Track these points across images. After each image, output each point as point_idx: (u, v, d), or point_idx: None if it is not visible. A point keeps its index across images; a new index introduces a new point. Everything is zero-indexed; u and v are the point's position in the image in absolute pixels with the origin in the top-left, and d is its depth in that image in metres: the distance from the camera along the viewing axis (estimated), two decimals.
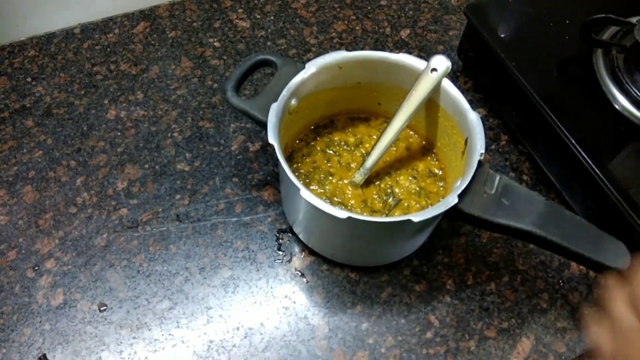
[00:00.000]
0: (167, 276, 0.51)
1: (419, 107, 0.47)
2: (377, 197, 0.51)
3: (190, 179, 0.57)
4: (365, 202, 0.51)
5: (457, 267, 0.53)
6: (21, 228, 0.54)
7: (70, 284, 0.51)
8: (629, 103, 0.52)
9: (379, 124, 0.56)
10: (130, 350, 0.48)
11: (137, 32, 0.69)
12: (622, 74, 0.53)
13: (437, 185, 0.53)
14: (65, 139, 0.60)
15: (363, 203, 0.51)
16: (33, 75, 0.65)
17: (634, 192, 0.48)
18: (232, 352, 0.48)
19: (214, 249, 0.53)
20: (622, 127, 0.52)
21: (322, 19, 0.71)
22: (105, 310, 0.50)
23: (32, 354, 0.47)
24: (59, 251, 0.52)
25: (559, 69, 0.56)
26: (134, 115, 0.62)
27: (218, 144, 0.60)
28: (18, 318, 0.49)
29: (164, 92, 0.64)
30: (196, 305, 0.50)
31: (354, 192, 0.51)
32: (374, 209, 0.51)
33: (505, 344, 0.49)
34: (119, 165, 0.58)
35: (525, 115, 0.57)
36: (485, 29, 0.59)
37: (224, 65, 0.66)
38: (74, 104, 0.62)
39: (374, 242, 0.48)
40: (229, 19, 0.71)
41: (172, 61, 0.66)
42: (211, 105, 0.63)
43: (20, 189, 0.56)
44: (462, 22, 0.72)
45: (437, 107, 0.50)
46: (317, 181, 0.52)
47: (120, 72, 0.65)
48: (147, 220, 0.54)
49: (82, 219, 0.54)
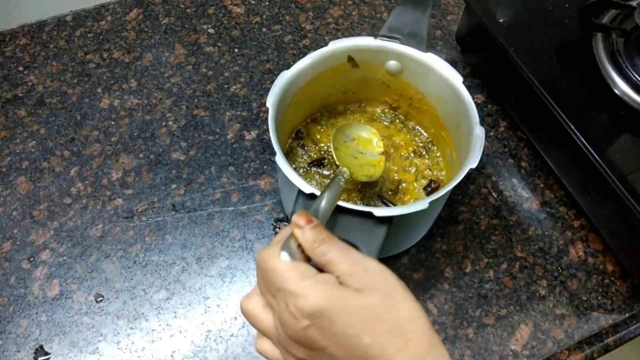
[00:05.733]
0: (163, 266, 0.51)
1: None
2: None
3: (186, 168, 0.57)
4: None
5: (455, 255, 0.53)
6: (16, 219, 0.53)
7: (66, 275, 0.50)
8: (629, 88, 0.51)
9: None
10: (128, 341, 0.47)
11: (130, 19, 0.68)
12: (622, 58, 0.52)
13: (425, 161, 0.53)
14: (59, 128, 0.59)
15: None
16: (25, 64, 0.64)
17: (633, 177, 0.48)
18: (230, 342, 0.48)
19: (211, 238, 0.53)
20: (622, 112, 0.52)
21: (317, 4, 0.70)
22: (101, 301, 0.49)
23: (29, 346, 0.47)
24: (54, 242, 0.52)
25: (558, 54, 0.56)
26: (128, 104, 0.61)
27: (213, 132, 0.59)
28: (14, 310, 0.49)
29: (157, 80, 0.63)
30: (193, 295, 0.50)
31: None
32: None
33: (503, 331, 0.49)
34: (113, 155, 0.57)
35: (524, 101, 0.57)
36: (484, 14, 0.58)
37: (218, 52, 0.65)
38: (67, 93, 0.61)
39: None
40: (223, 5, 0.70)
41: (166, 48, 0.65)
42: (206, 93, 0.62)
43: (14, 180, 0.55)
44: (460, 6, 0.71)
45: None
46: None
47: (114, 60, 0.64)
48: (142, 210, 0.54)
49: (77, 210, 0.54)
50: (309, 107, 0.54)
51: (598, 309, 0.51)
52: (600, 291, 0.51)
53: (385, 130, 0.55)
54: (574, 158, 0.51)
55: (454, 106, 0.48)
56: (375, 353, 0.29)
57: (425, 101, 0.52)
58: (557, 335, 0.49)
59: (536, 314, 0.50)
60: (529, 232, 0.54)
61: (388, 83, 0.53)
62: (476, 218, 0.55)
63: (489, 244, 0.53)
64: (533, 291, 0.51)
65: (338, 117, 0.56)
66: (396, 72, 0.51)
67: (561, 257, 0.53)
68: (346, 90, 0.54)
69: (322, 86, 0.51)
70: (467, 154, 0.44)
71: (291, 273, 0.30)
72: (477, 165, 0.42)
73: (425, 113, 0.53)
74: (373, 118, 0.56)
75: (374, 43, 0.49)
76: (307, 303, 0.29)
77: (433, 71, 0.48)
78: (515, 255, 0.53)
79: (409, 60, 0.49)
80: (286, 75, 0.46)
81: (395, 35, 0.49)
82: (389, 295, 0.31)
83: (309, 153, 0.53)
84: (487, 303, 0.50)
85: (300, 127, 0.54)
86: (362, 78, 0.52)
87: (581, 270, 0.52)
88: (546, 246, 0.54)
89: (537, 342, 0.49)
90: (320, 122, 0.55)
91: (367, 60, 0.50)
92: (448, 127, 0.51)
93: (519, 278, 0.52)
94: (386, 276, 0.31)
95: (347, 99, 0.55)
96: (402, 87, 0.52)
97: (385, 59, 0.50)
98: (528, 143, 0.59)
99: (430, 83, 0.50)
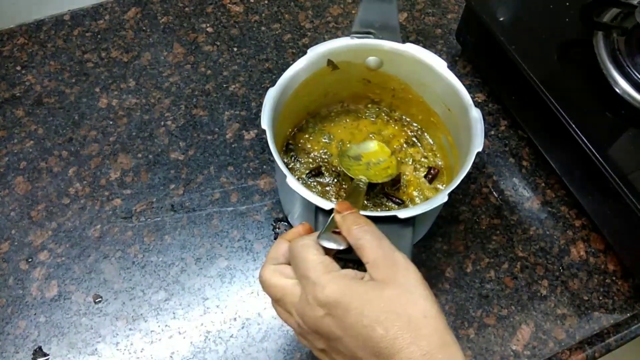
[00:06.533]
0: (162, 267, 0.51)
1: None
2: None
3: (185, 168, 0.56)
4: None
5: (456, 255, 0.52)
6: (13, 220, 0.53)
7: (64, 276, 0.50)
8: (629, 86, 0.51)
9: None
10: (127, 342, 0.47)
11: (128, 18, 0.67)
12: (623, 57, 0.52)
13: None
14: (57, 128, 0.59)
15: None
16: (22, 63, 0.63)
17: (634, 176, 0.47)
18: (229, 343, 0.47)
19: (210, 239, 0.52)
20: (623, 110, 0.51)
21: (317, 2, 0.70)
22: (100, 301, 0.49)
23: (27, 347, 0.47)
24: (52, 243, 0.52)
25: (559, 52, 0.55)
26: (126, 103, 0.60)
27: (212, 132, 0.59)
28: (12, 311, 0.48)
29: (156, 80, 0.62)
30: (192, 296, 0.49)
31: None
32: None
33: (504, 332, 0.49)
34: (111, 155, 0.57)
35: (525, 100, 0.57)
36: (484, 12, 0.57)
37: (217, 51, 0.65)
38: (65, 92, 0.61)
39: None
40: (222, 4, 0.69)
41: (164, 47, 0.65)
42: (205, 92, 0.62)
43: (12, 180, 0.55)
44: (460, 4, 0.70)
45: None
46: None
47: (112, 60, 0.64)
48: (141, 210, 0.54)
49: (75, 210, 0.53)
50: (295, 118, 0.54)
51: (599, 309, 0.50)
52: (601, 291, 0.51)
53: (373, 126, 0.55)
54: (575, 157, 0.51)
55: (440, 91, 0.49)
56: (385, 345, 0.29)
57: (409, 90, 0.52)
58: (559, 335, 0.49)
59: (537, 314, 0.50)
60: (530, 231, 0.54)
61: (369, 79, 0.53)
62: (477, 218, 0.54)
63: (490, 244, 0.53)
64: (534, 291, 0.51)
65: (323, 122, 0.55)
66: (376, 66, 0.51)
67: (562, 257, 0.53)
68: (327, 93, 0.54)
69: (304, 94, 0.50)
70: (469, 138, 0.44)
71: (317, 265, 0.33)
72: (477, 165, 0.42)
73: (410, 102, 0.53)
74: (358, 116, 0.56)
75: (352, 42, 0.49)
76: (323, 292, 0.31)
77: (415, 60, 0.49)
78: (517, 255, 0.53)
79: (388, 54, 0.49)
80: (272, 93, 0.46)
81: (368, 30, 0.49)
82: (408, 291, 0.31)
83: (303, 164, 0.53)
84: (488, 303, 0.50)
85: (289, 139, 0.54)
86: (342, 79, 0.52)
87: (582, 270, 0.52)
88: (547, 246, 0.53)
89: (538, 342, 0.48)
90: (307, 130, 0.55)
91: (346, 60, 0.50)
92: (437, 112, 0.51)
93: (520, 278, 0.51)
94: (410, 272, 0.33)
95: (328, 102, 0.55)
96: (383, 80, 0.52)
97: (365, 56, 0.50)
98: (529, 142, 0.59)
99: (413, 72, 0.50)
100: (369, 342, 0.30)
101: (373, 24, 0.49)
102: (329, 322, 0.31)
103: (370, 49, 0.49)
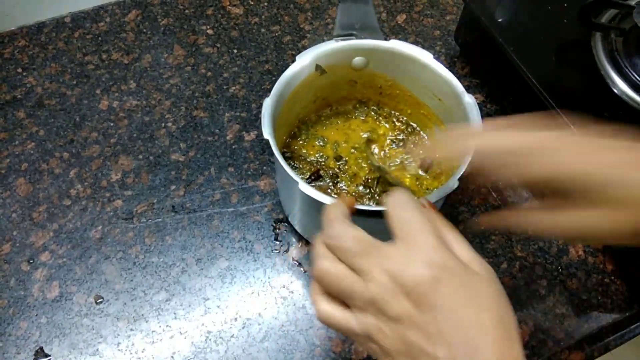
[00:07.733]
0: (163, 267, 0.51)
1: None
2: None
3: (185, 169, 0.57)
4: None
5: None
6: (15, 221, 0.53)
7: (65, 277, 0.50)
8: (627, 87, 0.51)
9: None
10: (128, 342, 0.47)
11: (129, 20, 0.68)
12: (621, 58, 0.52)
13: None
14: (58, 130, 0.59)
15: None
16: (23, 65, 0.63)
17: None
18: (230, 343, 0.48)
19: (211, 239, 0.53)
20: (621, 111, 0.52)
21: (316, 4, 0.70)
22: (101, 302, 0.49)
23: (29, 347, 0.47)
24: (53, 244, 0.52)
25: (557, 53, 0.56)
26: (127, 105, 0.61)
27: (213, 133, 0.59)
28: (14, 312, 0.49)
29: (156, 81, 0.63)
30: (193, 296, 0.50)
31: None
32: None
33: None
34: (112, 157, 0.57)
35: (523, 101, 0.57)
36: (482, 13, 0.58)
37: (217, 53, 0.65)
38: (66, 94, 0.61)
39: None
40: (222, 6, 0.69)
41: (165, 49, 0.65)
42: (205, 94, 0.62)
43: (14, 182, 0.55)
44: (459, 6, 0.71)
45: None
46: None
47: (112, 62, 0.64)
48: (142, 211, 0.54)
49: (76, 211, 0.54)
50: (288, 126, 0.54)
51: (598, 308, 0.51)
52: (600, 290, 0.51)
53: (364, 125, 0.56)
54: None
55: (429, 83, 0.49)
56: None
57: (397, 86, 0.53)
58: (558, 334, 0.49)
59: (536, 314, 0.50)
60: (528, 231, 0.54)
61: (355, 79, 0.53)
62: (475, 217, 0.55)
63: (489, 244, 0.53)
64: (533, 291, 0.51)
65: (315, 126, 0.56)
66: (363, 66, 0.51)
67: (561, 257, 0.53)
68: (316, 99, 0.54)
69: (296, 102, 0.51)
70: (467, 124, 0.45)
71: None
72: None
73: (398, 97, 0.54)
74: (348, 117, 0.56)
75: (338, 45, 0.49)
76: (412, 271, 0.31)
77: (401, 56, 0.49)
78: (515, 255, 0.53)
79: (374, 52, 0.50)
80: (269, 102, 0.46)
81: (350, 32, 0.50)
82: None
83: (302, 170, 0.53)
84: None
85: (284, 147, 0.54)
86: (330, 82, 0.52)
87: (581, 269, 0.52)
88: (546, 245, 0.54)
89: (537, 341, 0.49)
90: (300, 136, 0.55)
91: (334, 63, 0.50)
92: (428, 104, 0.52)
93: (518, 278, 0.52)
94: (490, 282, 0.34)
95: (317, 107, 0.56)
96: (370, 79, 0.53)
97: (351, 57, 0.51)
98: None
99: (399, 68, 0.51)
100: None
101: (353, 25, 0.50)
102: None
103: (356, 50, 0.50)
